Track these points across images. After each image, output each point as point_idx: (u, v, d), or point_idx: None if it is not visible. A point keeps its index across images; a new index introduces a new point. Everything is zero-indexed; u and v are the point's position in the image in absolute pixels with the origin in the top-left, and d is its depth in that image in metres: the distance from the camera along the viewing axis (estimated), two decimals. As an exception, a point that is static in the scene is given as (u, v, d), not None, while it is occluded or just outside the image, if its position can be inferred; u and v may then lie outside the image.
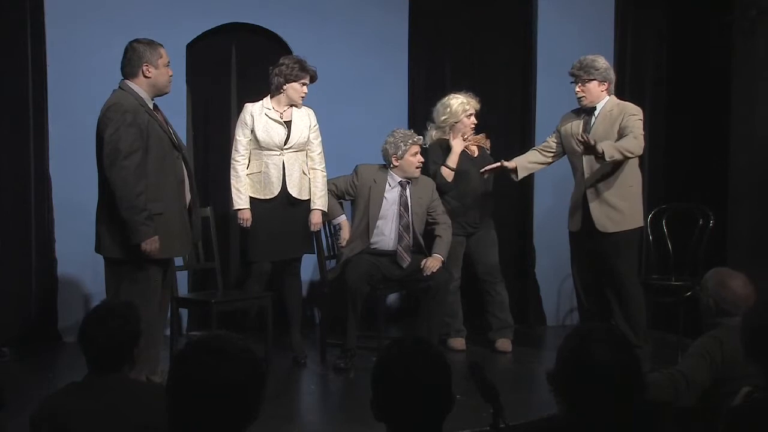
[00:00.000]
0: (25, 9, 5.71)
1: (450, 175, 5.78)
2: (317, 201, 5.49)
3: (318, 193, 5.48)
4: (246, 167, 5.38)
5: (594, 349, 2.18)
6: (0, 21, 5.66)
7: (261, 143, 5.35)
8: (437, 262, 5.51)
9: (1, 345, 5.54)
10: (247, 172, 5.38)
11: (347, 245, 5.61)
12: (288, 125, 5.39)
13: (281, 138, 5.36)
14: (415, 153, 5.58)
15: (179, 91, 5.85)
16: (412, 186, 5.63)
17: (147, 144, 4.40)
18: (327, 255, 5.80)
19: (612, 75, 5.41)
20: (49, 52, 5.78)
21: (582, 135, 5.16)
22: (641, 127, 5.23)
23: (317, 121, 5.49)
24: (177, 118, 5.30)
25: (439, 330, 5.65)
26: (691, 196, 6.21)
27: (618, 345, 2.22)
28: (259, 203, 5.40)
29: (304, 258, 5.65)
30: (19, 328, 5.69)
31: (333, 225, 5.80)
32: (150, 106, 4.51)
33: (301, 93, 5.40)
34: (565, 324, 6.78)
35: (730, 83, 6.28)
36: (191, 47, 6.14)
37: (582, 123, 5.41)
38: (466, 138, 5.82)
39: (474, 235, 5.90)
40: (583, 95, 5.36)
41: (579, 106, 5.44)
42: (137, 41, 4.53)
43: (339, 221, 5.73)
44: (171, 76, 4.61)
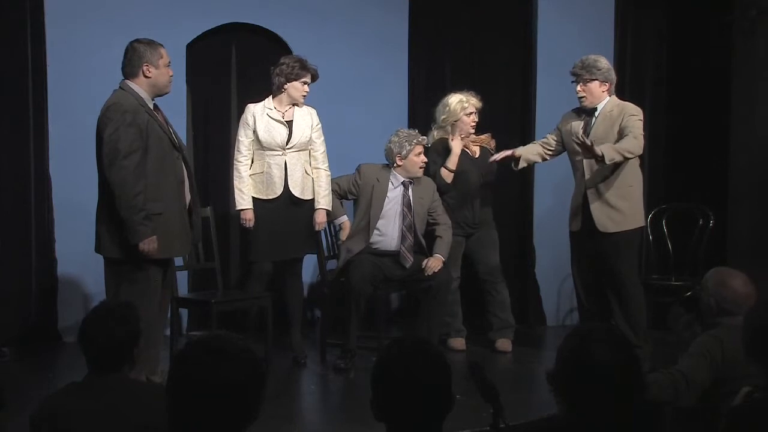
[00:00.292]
0: (25, 9, 5.71)
1: (449, 177, 5.77)
2: (321, 200, 5.48)
3: (322, 193, 5.48)
4: (248, 167, 5.38)
5: (594, 349, 2.18)
6: (0, 21, 5.66)
7: (263, 143, 5.35)
8: (438, 262, 5.51)
9: (1, 345, 5.54)
10: (250, 172, 5.38)
11: (347, 240, 5.62)
12: (289, 125, 5.38)
13: (283, 138, 5.36)
14: (419, 153, 5.58)
15: (179, 91, 5.85)
16: (414, 186, 5.63)
17: (146, 144, 4.40)
18: (327, 255, 5.80)
19: (613, 76, 5.41)
20: (49, 52, 5.78)
21: (580, 137, 5.16)
22: (641, 128, 5.22)
23: (319, 120, 5.50)
24: (177, 118, 5.30)
25: (439, 330, 5.65)
26: (691, 196, 6.21)
27: (618, 345, 2.22)
28: (262, 203, 5.39)
29: (304, 258, 5.65)
30: (19, 328, 5.69)
31: (334, 225, 5.80)
32: (150, 106, 4.51)
33: (303, 92, 5.39)
34: (565, 324, 6.78)
35: (730, 83, 6.28)
36: (191, 47, 6.14)
37: (582, 123, 5.41)
38: (464, 138, 5.81)
39: (474, 235, 5.90)
40: (584, 95, 5.36)
41: (580, 105, 5.44)
42: (138, 41, 4.53)
43: (340, 221, 5.73)
44: (171, 76, 4.61)
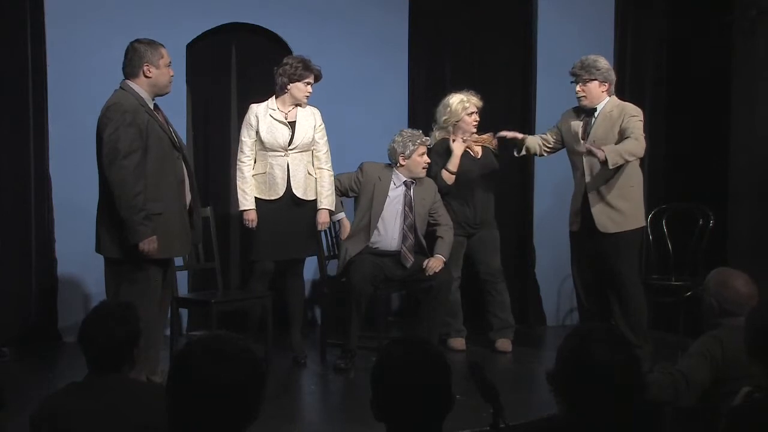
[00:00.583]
0: (25, 9, 5.71)
1: (450, 179, 5.77)
2: (324, 200, 5.48)
3: (325, 193, 5.47)
4: (251, 168, 5.38)
5: (594, 349, 2.18)
6: (0, 21, 5.66)
7: (265, 144, 5.34)
8: (439, 262, 5.51)
9: (1, 345, 5.54)
10: (253, 172, 5.38)
11: (348, 239, 5.61)
12: (292, 126, 5.38)
13: (285, 139, 5.35)
14: (422, 153, 5.58)
15: (179, 91, 5.84)
16: (415, 186, 5.63)
17: (146, 144, 4.40)
18: (328, 255, 5.80)
19: (612, 76, 5.41)
20: (49, 52, 5.78)
21: (584, 146, 5.17)
22: (641, 128, 5.22)
23: (322, 121, 5.49)
24: (177, 118, 5.30)
25: (439, 330, 5.65)
26: (691, 196, 6.20)
27: (618, 345, 2.22)
28: (264, 203, 5.39)
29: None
30: (19, 328, 5.69)
31: (334, 224, 5.80)
32: (150, 106, 4.51)
33: (306, 92, 5.39)
34: (565, 324, 6.78)
35: (730, 83, 6.27)
36: (191, 47, 6.14)
37: (582, 123, 5.41)
38: (465, 139, 5.81)
39: (475, 236, 5.90)
40: (584, 95, 5.36)
41: (579, 105, 5.44)
42: (138, 41, 4.53)
43: (338, 218, 5.73)
44: (172, 76, 4.61)
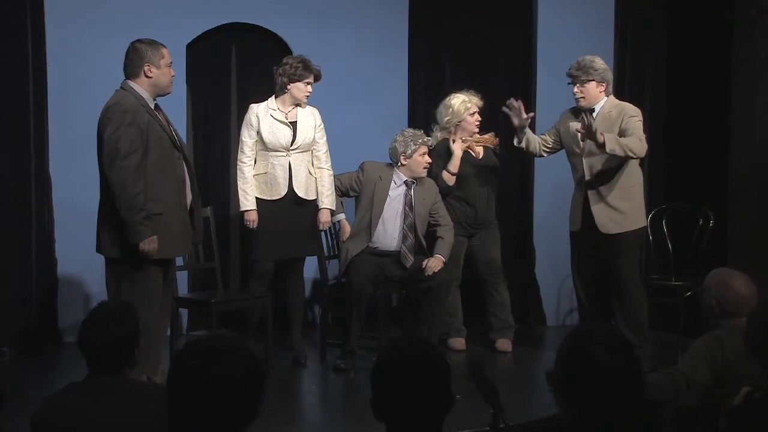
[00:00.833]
0: (25, 9, 5.71)
1: (451, 180, 5.77)
2: (325, 200, 5.49)
3: (325, 192, 5.48)
4: (252, 168, 5.38)
5: (594, 350, 2.18)
6: (0, 21, 5.66)
7: (267, 144, 5.34)
8: (439, 262, 5.51)
9: (1, 345, 5.55)
10: (254, 173, 5.38)
11: (349, 239, 5.62)
12: (293, 126, 5.38)
13: (287, 139, 5.35)
14: (424, 153, 5.58)
15: (179, 91, 5.83)
16: (416, 186, 5.63)
17: (147, 144, 4.40)
18: (328, 255, 5.80)
19: (610, 76, 5.41)
20: (49, 52, 5.79)
21: (587, 117, 5.13)
22: (641, 129, 5.22)
23: (322, 121, 5.49)
24: (177, 118, 5.30)
25: (439, 330, 5.65)
26: (691, 196, 6.20)
27: (618, 345, 2.21)
28: (265, 203, 5.39)
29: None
30: (19, 328, 5.69)
31: (334, 224, 5.80)
32: (151, 106, 4.51)
33: (306, 92, 5.39)
34: (565, 324, 6.78)
35: (730, 83, 6.27)
36: (191, 47, 6.14)
37: (581, 124, 5.40)
38: (465, 140, 5.81)
39: (476, 236, 5.90)
40: (582, 96, 5.36)
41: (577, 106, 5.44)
42: (139, 41, 4.52)
43: (338, 219, 5.73)
44: (173, 76, 4.61)
